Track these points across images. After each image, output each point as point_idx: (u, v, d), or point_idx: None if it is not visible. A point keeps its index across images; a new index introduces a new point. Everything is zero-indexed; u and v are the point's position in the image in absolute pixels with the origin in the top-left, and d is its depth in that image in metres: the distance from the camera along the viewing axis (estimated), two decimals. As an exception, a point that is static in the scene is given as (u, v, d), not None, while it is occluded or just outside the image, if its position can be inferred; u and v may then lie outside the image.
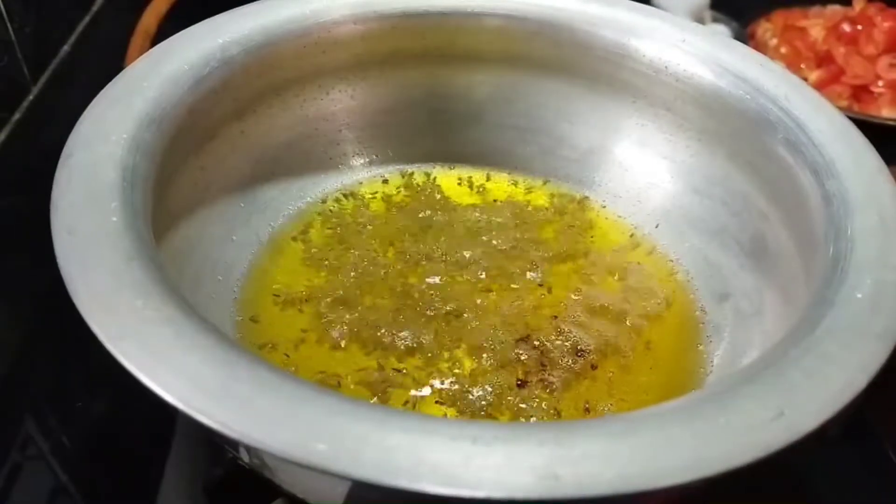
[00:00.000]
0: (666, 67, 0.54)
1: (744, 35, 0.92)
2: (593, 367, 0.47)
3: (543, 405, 0.44)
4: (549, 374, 0.46)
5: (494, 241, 0.55)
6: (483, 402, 0.44)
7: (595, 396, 0.46)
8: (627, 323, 0.50)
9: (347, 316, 0.48)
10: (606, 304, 0.51)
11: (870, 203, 0.42)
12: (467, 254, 0.53)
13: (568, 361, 0.47)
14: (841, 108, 0.59)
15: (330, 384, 0.45)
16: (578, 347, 0.48)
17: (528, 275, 0.52)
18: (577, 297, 0.51)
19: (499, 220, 0.56)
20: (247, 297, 0.49)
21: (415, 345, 0.47)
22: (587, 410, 0.45)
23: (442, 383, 0.45)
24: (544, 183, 0.60)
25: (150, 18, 0.74)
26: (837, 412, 0.32)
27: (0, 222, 0.60)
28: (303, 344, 0.47)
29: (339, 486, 0.33)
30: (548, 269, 0.53)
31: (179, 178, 0.47)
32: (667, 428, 0.30)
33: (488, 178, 0.60)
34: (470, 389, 0.45)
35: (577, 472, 0.28)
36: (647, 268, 0.54)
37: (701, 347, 0.49)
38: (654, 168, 0.57)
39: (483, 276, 0.52)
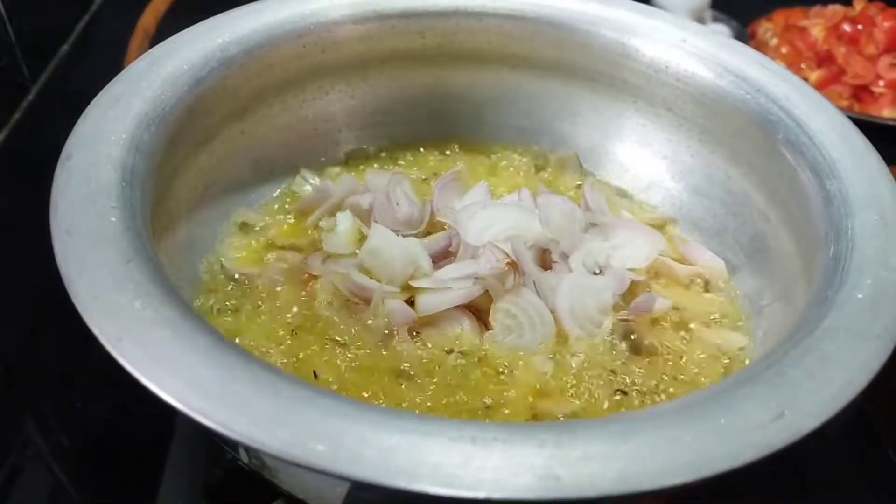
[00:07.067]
0: (666, 67, 0.54)
1: (744, 35, 0.92)
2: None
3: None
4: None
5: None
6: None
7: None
8: (626, 323, 0.50)
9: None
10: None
11: (870, 203, 0.42)
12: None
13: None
14: (841, 108, 0.59)
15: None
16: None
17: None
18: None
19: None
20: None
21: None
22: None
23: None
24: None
25: (149, 18, 0.74)
26: (837, 412, 0.32)
27: (0, 222, 0.60)
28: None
29: (338, 487, 0.33)
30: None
31: (179, 178, 0.47)
32: (667, 428, 0.30)
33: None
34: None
35: (577, 472, 0.28)
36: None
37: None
38: (654, 168, 0.57)
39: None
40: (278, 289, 0.48)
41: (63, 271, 0.34)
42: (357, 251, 0.48)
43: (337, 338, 0.45)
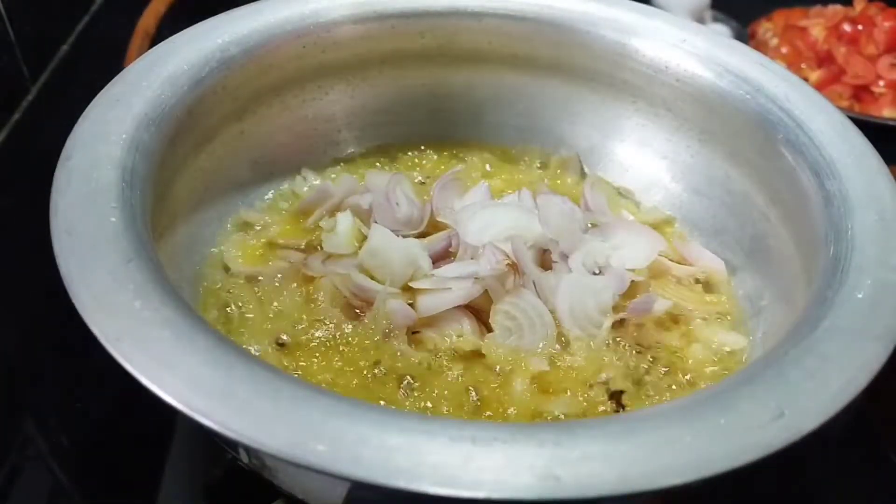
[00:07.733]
0: (666, 67, 0.54)
1: (744, 35, 0.92)
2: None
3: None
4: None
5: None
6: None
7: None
8: (626, 322, 0.50)
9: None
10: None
11: (870, 203, 0.42)
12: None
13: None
14: (841, 108, 0.59)
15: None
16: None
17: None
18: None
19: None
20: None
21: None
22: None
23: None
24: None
25: (149, 19, 0.74)
26: (837, 412, 0.32)
27: (0, 222, 0.60)
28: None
29: (338, 487, 0.33)
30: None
31: (179, 178, 0.47)
32: (667, 428, 0.30)
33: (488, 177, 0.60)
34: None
35: (577, 472, 0.28)
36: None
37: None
38: (654, 168, 0.57)
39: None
40: (278, 289, 0.48)
41: (63, 271, 0.34)
42: (357, 251, 0.48)
43: (337, 338, 0.45)
